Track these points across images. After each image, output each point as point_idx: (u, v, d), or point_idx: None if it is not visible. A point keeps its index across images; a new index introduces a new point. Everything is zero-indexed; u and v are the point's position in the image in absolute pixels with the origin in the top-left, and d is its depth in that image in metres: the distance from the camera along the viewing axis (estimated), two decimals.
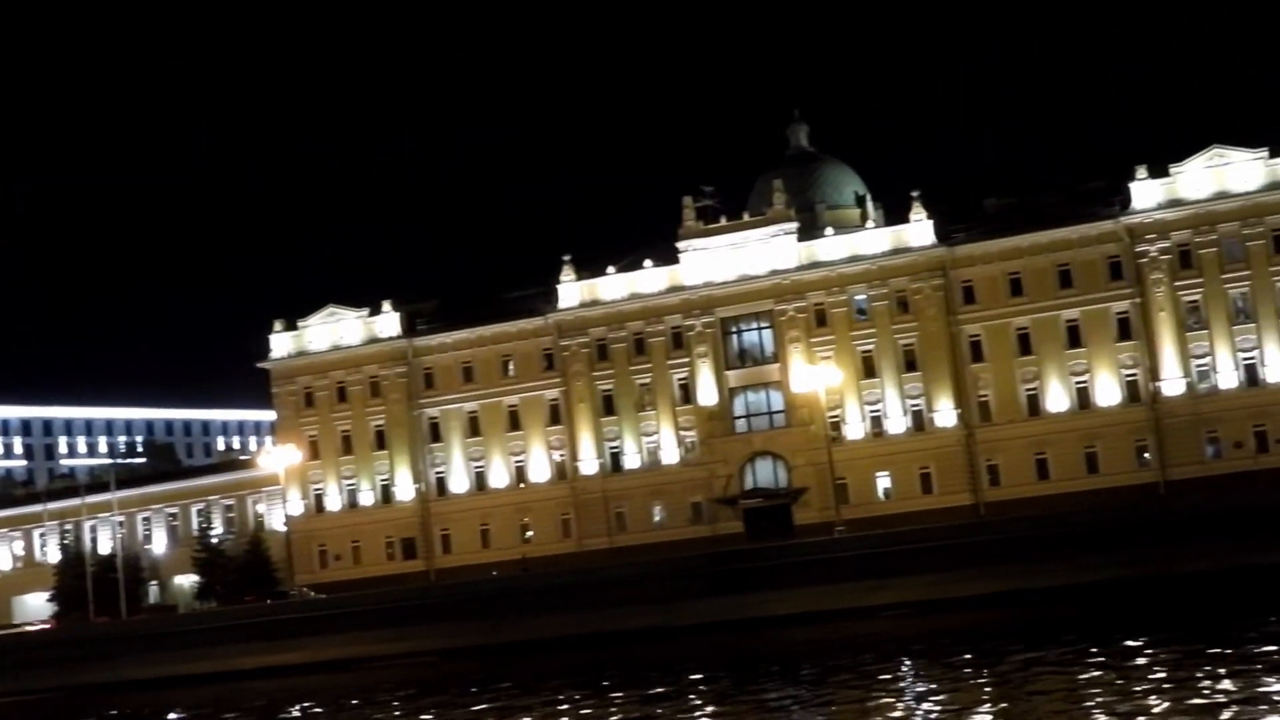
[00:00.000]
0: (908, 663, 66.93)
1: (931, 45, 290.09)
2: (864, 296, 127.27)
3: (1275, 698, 47.58)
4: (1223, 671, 52.87)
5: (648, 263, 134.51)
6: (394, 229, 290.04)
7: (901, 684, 61.26)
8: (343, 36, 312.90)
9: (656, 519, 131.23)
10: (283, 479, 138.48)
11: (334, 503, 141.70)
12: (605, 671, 74.27)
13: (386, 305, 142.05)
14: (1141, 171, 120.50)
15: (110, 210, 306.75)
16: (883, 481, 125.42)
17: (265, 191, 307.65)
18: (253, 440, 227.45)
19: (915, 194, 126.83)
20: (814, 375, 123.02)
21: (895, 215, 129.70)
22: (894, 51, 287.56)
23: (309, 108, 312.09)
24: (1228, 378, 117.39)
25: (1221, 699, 47.81)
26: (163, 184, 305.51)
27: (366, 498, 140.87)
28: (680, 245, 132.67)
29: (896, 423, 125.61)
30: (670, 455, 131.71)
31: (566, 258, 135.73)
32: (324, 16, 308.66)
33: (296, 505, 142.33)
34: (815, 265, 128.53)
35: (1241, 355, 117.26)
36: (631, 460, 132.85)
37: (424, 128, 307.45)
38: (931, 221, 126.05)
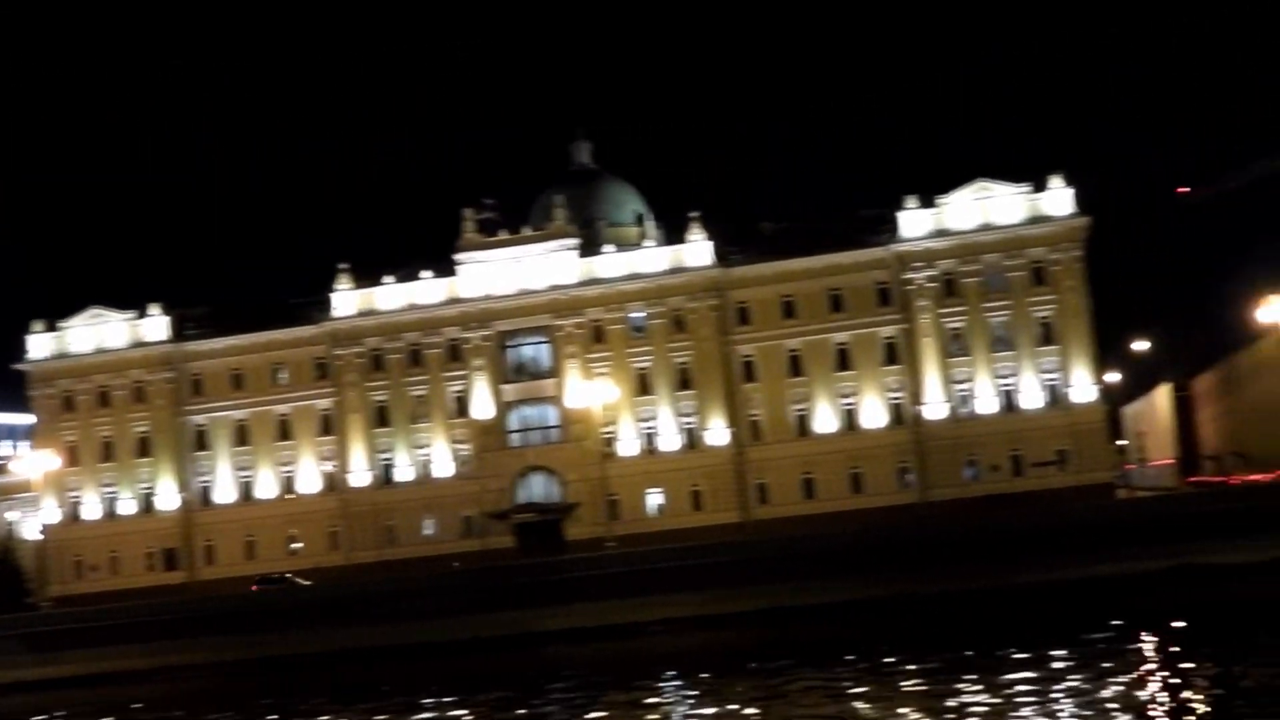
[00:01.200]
0: (674, 678, 67.40)
1: (718, 69, 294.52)
2: (641, 314, 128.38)
3: (1019, 711, 49.44)
4: (974, 685, 54.68)
5: (426, 273, 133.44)
6: (174, 235, 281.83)
7: (666, 700, 61.68)
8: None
9: (427, 532, 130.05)
10: (38, 485, 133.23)
11: (92, 511, 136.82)
12: (367, 688, 73.15)
13: (154, 309, 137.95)
14: (911, 201, 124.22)
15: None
16: (654, 498, 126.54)
17: None
18: (6, 445, 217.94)
19: (694, 215, 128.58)
20: (590, 391, 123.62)
21: (674, 235, 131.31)
22: (677, 72, 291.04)
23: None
24: (987, 403, 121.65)
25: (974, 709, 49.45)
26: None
27: (127, 506, 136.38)
28: (459, 257, 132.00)
29: (669, 440, 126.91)
30: (443, 468, 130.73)
31: (343, 266, 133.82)
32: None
33: (52, 513, 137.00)
34: (594, 282, 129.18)
35: (1000, 382, 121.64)
36: (404, 472, 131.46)
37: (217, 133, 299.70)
38: (709, 243, 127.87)
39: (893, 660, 63.82)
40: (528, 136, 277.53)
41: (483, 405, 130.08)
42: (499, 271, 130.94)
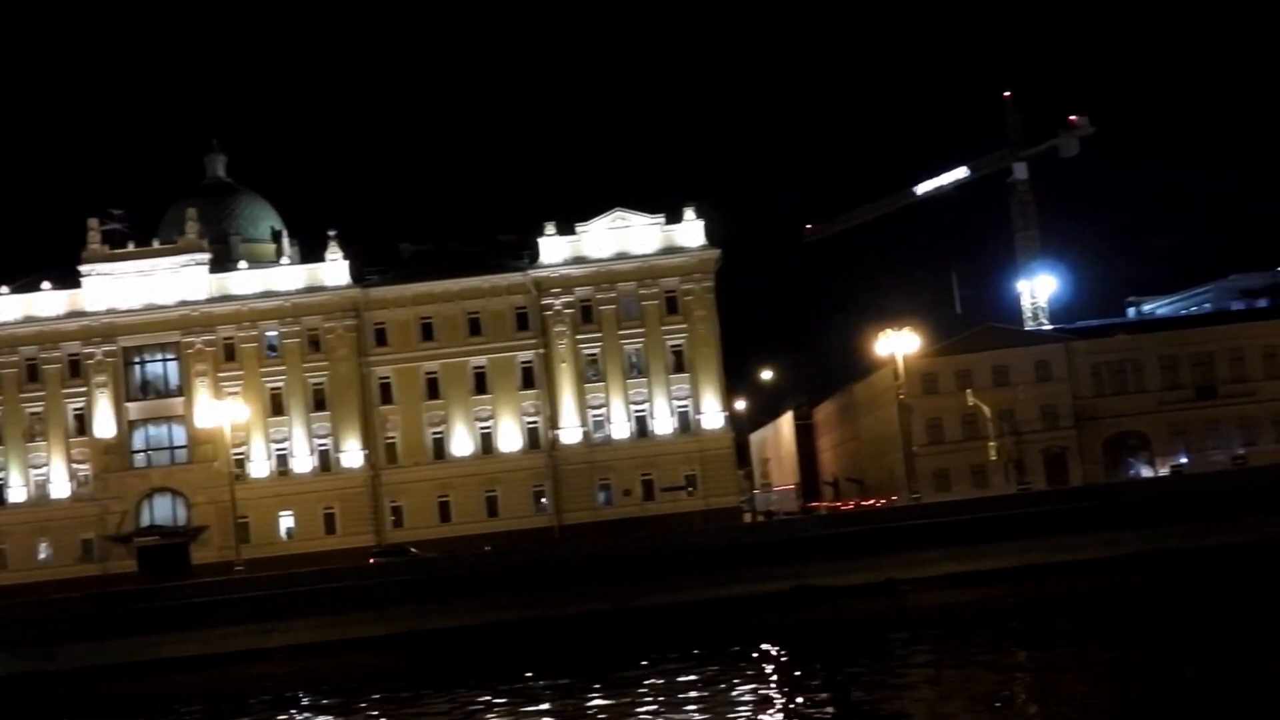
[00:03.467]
0: (306, 705, 66.08)
1: (361, 85, 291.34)
2: (275, 333, 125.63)
3: None
4: (606, 702, 55.74)
5: (46, 285, 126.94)
6: None
7: None
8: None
9: (42, 556, 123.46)
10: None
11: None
12: None
13: None
14: (550, 228, 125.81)
15: None
16: (286, 521, 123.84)
17: None
18: None
19: (332, 234, 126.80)
20: (220, 411, 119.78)
21: (312, 253, 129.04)
22: (319, 87, 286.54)
23: None
24: (620, 428, 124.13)
25: None
26: None
27: None
28: (83, 269, 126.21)
29: (303, 462, 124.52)
30: (61, 489, 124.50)
31: None
32: None
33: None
34: (227, 298, 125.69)
35: (634, 407, 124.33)
36: (17, 494, 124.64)
37: None
38: (347, 262, 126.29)
39: (517, 684, 64.19)
40: (162, 146, 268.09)
41: (105, 424, 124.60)
42: (125, 285, 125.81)
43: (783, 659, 67.07)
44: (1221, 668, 53.59)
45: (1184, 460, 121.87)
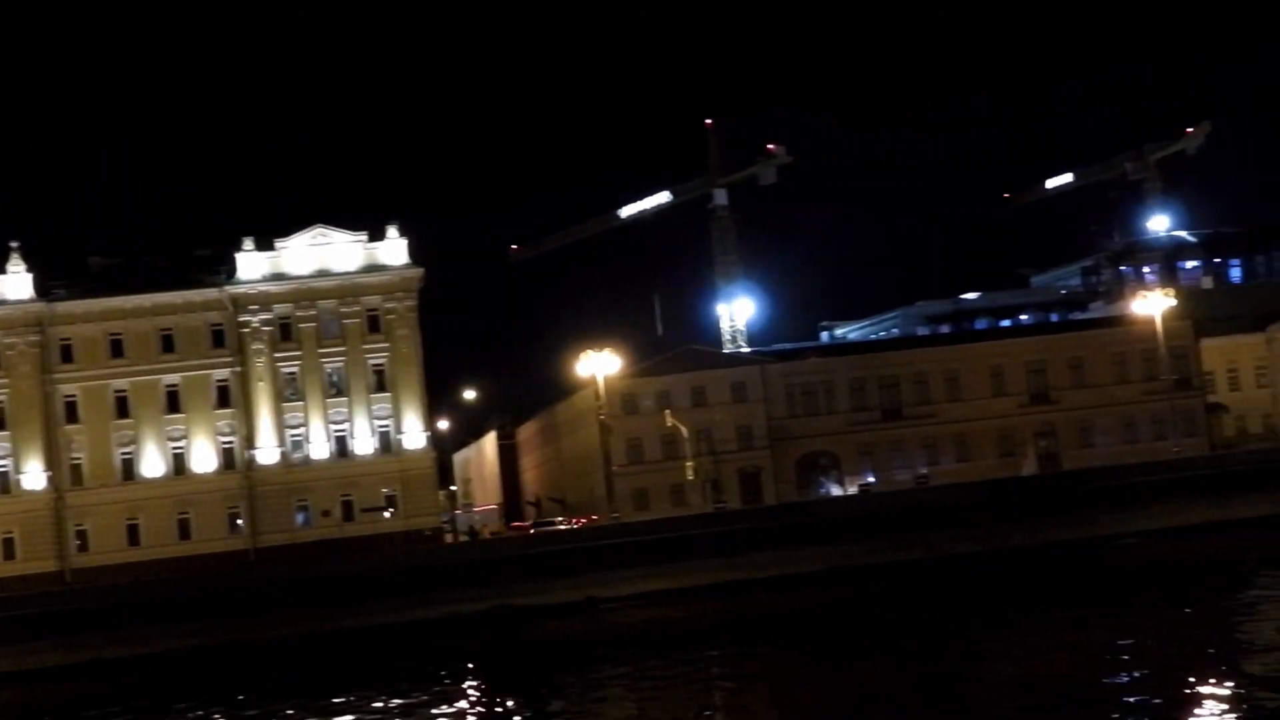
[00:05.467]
0: None
1: (44, 96, 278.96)
2: None
3: None
4: None
5: None
6: None
7: None
8: None
9: None
10: None
11: None
12: None
13: None
14: (249, 243, 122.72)
15: None
16: None
17: None
18: None
19: (14, 245, 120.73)
20: None
21: None
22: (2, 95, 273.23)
23: None
24: (320, 448, 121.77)
25: None
26: None
27: None
28: None
29: None
30: None
31: None
32: None
33: None
34: None
35: (334, 427, 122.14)
36: None
37: None
38: (30, 275, 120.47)
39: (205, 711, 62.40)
40: None
41: None
42: None
43: (483, 680, 66.94)
44: (906, 674, 55.94)
45: (871, 479, 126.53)
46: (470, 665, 70.51)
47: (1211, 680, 47.87)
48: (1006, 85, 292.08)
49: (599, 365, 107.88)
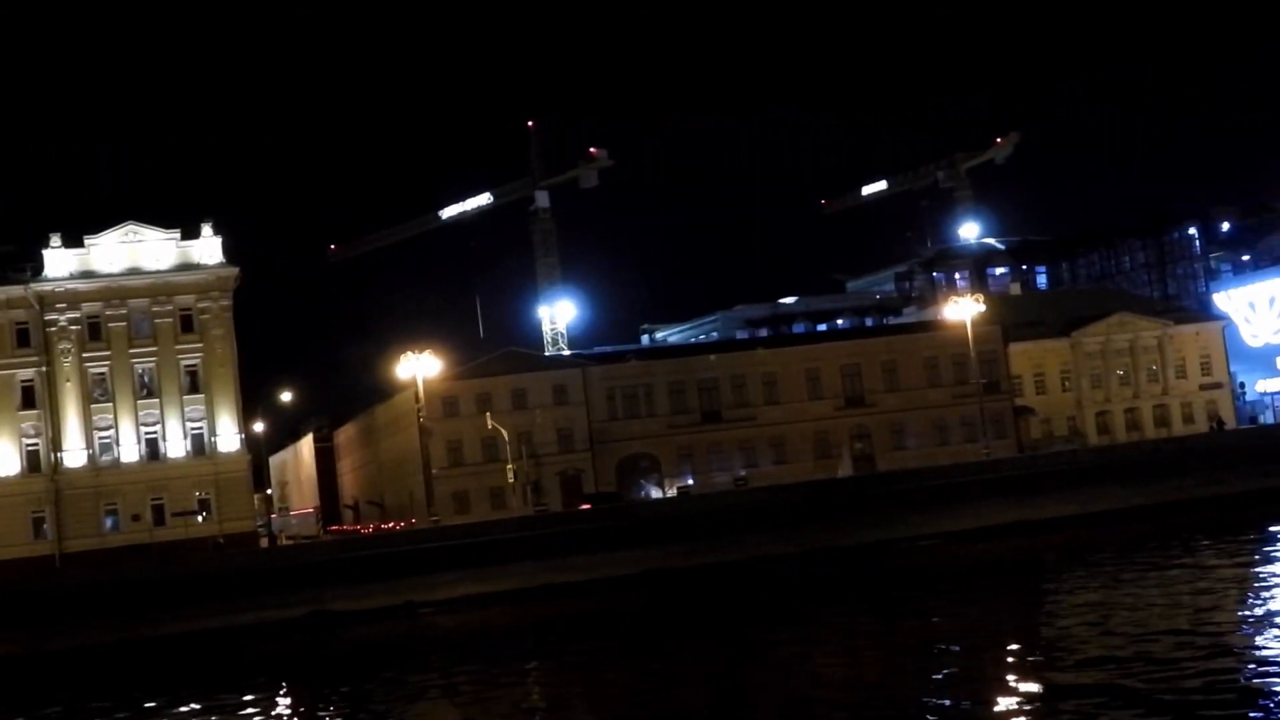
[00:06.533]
0: None
1: None
2: None
3: None
4: None
5: None
6: None
7: None
8: None
9: None
10: None
11: None
12: None
13: None
14: (56, 240, 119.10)
15: None
16: None
17: None
18: None
19: None
20: None
21: None
22: None
23: None
24: (130, 451, 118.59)
25: None
26: None
27: None
28: None
29: None
30: None
31: None
32: None
33: None
34: None
35: (145, 429, 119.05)
36: None
37: None
38: None
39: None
40: None
41: None
42: None
43: (299, 686, 66.00)
44: (716, 674, 56.68)
45: (690, 481, 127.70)
46: (286, 671, 69.44)
47: (1013, 675, 49.32)
48: (824, 94, 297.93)
49: (419, 367, 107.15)
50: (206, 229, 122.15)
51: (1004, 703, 45.11)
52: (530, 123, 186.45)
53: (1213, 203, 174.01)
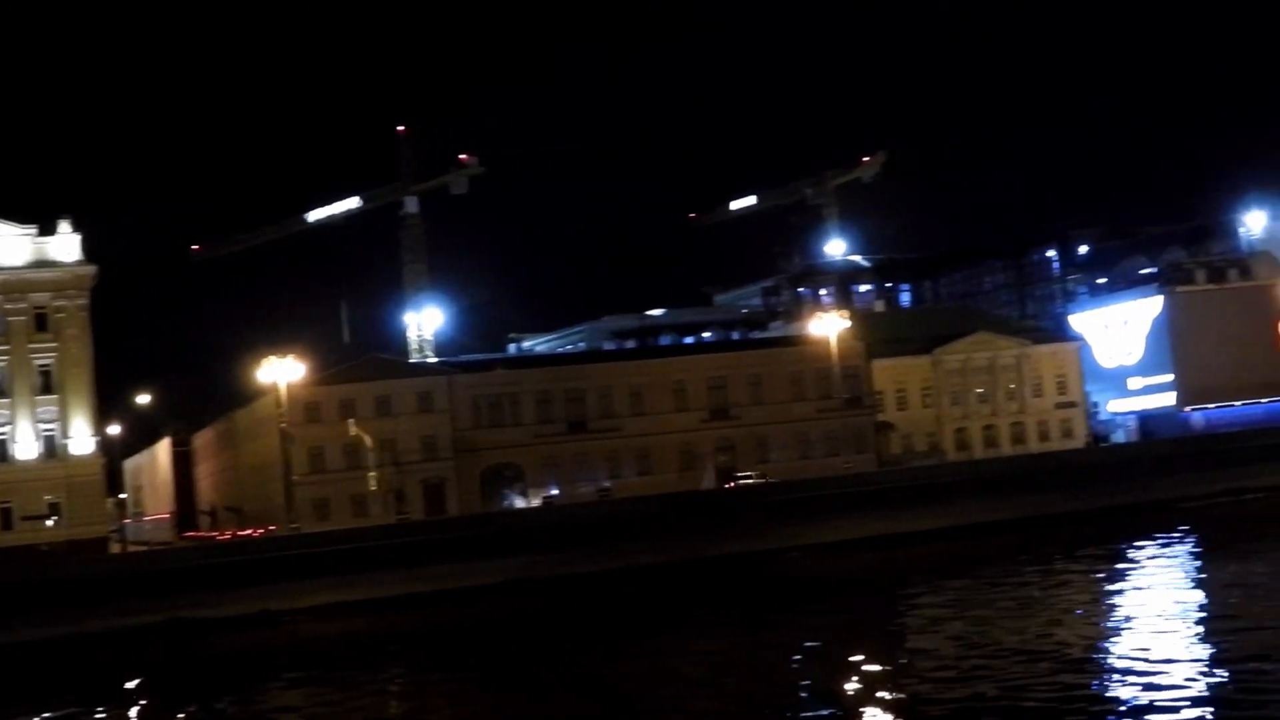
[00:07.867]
0: None
1: None
2: None
3: None
4: None
5: None
6: None
7: None
8: None
9: None
10: None
11: None
12: None
13: None
14: None
15: None
16: None
17: None
18: None
19: None
20: None
21: None
22: None
23: None
24: None
25: None
26: None
27: None
28: None
29: None
30: None
31: None
32: None
33: None
34: None
35: None
36: None
37: None
38: None
39: None
40: None
41: None
42: None
43: (152, 696, 64.41)
44: (580, 682, 56.46)
45: (555, 491, 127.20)
46: (138, 680, 67.69)
47: (874, 686, 49.78)
48: (697, 108, 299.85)
49: (281, 372, 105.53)
50: (64, 225, 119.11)
51: (869, 713, 45.48)
52: (401, 128, 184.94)
53: (1072, 226, 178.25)
